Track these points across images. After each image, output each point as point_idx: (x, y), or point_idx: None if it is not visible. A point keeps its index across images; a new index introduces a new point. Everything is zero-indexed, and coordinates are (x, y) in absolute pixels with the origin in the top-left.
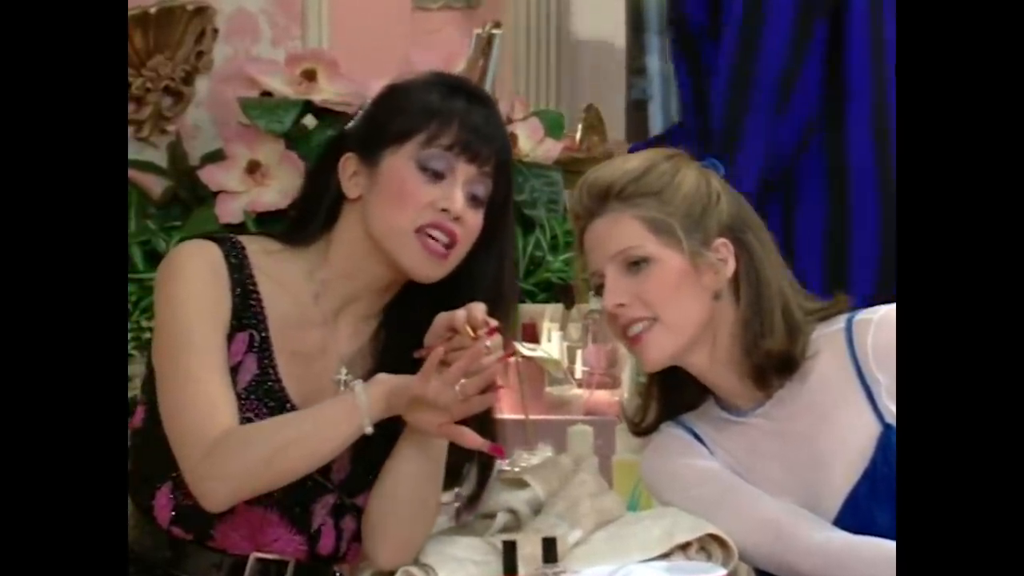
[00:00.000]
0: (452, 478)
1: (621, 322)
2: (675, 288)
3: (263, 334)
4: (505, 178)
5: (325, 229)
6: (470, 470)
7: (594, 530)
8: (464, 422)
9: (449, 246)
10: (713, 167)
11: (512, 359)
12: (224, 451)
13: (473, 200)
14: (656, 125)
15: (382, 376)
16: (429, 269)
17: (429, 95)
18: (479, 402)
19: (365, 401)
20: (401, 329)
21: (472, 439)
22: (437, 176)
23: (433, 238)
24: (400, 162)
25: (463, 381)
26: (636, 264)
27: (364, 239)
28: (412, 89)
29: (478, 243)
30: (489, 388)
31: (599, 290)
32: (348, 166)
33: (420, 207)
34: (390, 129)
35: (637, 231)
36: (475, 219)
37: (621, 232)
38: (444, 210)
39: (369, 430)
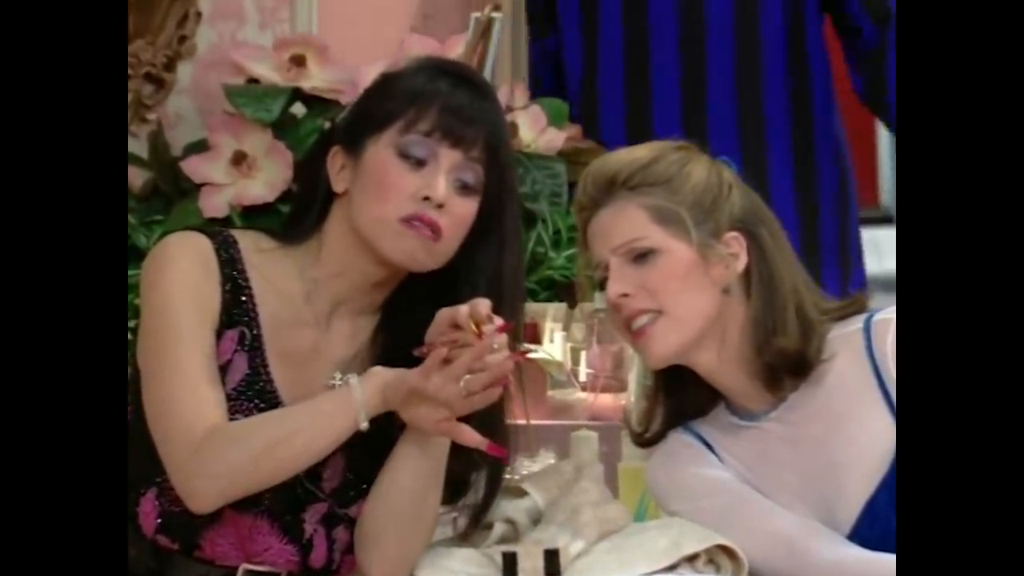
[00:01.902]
0: (458, 489)
1: (625, 314)
2: (682, 279)
3: (254, 332)
4: (497, 164)
5: (317, 226)
6: (477, 480)
7: (597, 541)
8: (478, 430)
9: (434, 233)
10: (726, 163)
11: (520, 359)
12: (213, 447)
13: (463, 188)
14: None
15: (377, 369)
16: (419, 255)
17: (414, 79)
18: (482, 398)
19: (360, 395)
20: (400, 331)
21: (471, 437)
22: (419, 163)
23: (416, 228)
24: (380, 150)
25: (467, 376)
26: (642, 256)
27: (351, 234)
28: (401, 75)
29: (475, 235)
30: (493, 384)
31: (603, 285)
32: (336, 160)
33: (403, 197)
34: (372, 117)
35: (643, 221)
36: (464, 207)
37: (626, 222)
38: (426, 198)
39: (364, 425)
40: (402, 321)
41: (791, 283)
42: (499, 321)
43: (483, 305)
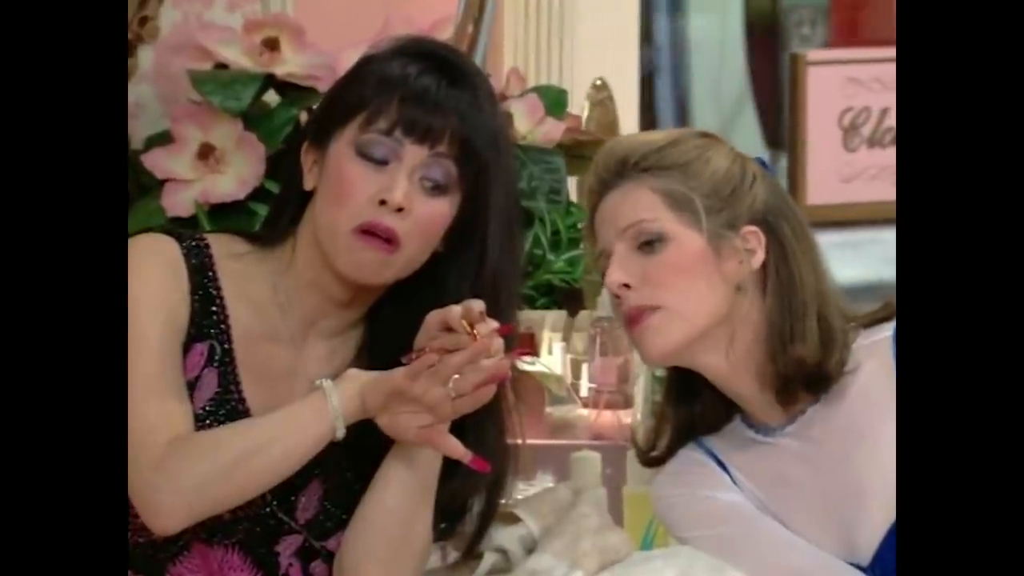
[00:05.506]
0: (454, 519)
1: (624, 308)
2: (688, 271)
3: (225, 346)
4: (473, 156)
5: (292, 229)
6: (472, 506)
7: (597, 572)
8: (471, 446)
9: (390, 244)
10: (760, 163)
11: (522, 359)
12: (179, 459)
13: (434, 188)
14: (665, 102)
15: (353, 371)
16: (373, 269)
17: (387, 65)
18: (471, 401)
19: (336, 400)
20: (386, 349)
21: (454, 447)
22: (381, 162)
23: (372, 236)
24: (342, 148)
25: (455, 377)
26: (649, 244)
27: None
28: (374, 59)
29: (458, 236)
30: (484, 384)
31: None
32: (308, 154)
33: (358, 203)
34: (339, 108)
35: (654, 204)
36: (433, 208)
37: (635, 204)
38: (383, 202)
39: (341, 433)
40: (388, 338)
41: (813, 287)
42: (494, 323)
43: (477, 305)
